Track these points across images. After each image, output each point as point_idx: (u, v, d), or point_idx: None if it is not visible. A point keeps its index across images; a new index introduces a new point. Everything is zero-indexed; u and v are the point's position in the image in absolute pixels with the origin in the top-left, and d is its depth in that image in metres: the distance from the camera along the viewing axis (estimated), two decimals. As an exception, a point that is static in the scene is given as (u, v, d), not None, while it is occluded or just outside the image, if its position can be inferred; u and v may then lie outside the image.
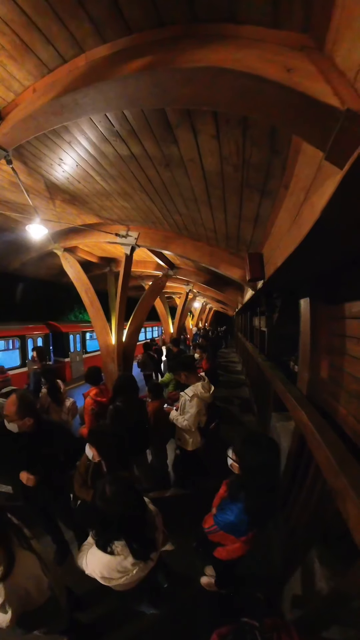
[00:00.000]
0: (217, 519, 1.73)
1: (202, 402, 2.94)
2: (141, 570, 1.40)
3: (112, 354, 6.38)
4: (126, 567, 1.35)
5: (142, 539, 1.39)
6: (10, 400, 2.04)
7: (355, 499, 1.15)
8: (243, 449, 1.60)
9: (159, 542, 1.49)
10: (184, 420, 2.92)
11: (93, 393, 3.50)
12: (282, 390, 2.91)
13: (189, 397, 2.93)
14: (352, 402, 2.17)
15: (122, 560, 1.34)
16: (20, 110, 1.88)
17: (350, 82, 0.94)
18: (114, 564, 1.34)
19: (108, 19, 1.36)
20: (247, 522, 1.61)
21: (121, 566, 1.34)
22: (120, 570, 1.35)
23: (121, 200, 3.91)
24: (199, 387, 2.96)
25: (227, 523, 1.66)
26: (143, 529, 1.43)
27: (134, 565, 1.36)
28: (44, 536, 2.48)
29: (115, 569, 1.34)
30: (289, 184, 2.10)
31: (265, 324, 5.41)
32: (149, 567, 1.45)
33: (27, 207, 3.99)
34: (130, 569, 1.35)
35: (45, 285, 11.39)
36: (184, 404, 2.98)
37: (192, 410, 2.88)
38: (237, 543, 1.71)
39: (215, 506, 1.83)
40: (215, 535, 1.77)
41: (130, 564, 1.35)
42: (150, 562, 1.45)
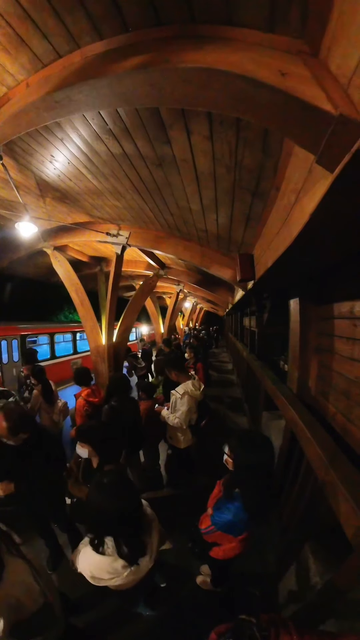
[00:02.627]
0: (214, 519, 1.72)
1: (193, 400, 2.96)
2: (133, 574, 1.36)
3: (102, 354, 6.32)
4: (116, 568, 1.32)
5: (132, 541, 1.35)
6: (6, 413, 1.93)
7: (346, 493, 1.19)
8: (238, 447, 1.62)
9: (152, 547, 1.44)
10: (175, 418, 2.93)
11: (84, 394, 3.45)
12: (273, 389, 2.96)
13: (179, 395, 2.94)
14: (341, 400, 2.22)
15: (113, 562, 1.32)
16: (13, 104, 1.85)
17: (343, 87, 0.97)
18: (104, 565, 1.32)
19: (105, 15, 1.35)
20: (245, 521, 1.62)
21: (111, 567, 1.32)
22: (110, 572, 1.32)
23: (113, 199, 3.88)
24: (189, 385, 2.98)
25: (225, 522, 1.66)
26: (135, 530, 1.39)
27: (125, 568, 1.32)
28: (36, 541, 2.44)
29: (105, 569, 1.32)
30: (280, 186, 2.14)
31: (255, 324, 5.48)
32: (142, 571, 1.41)
33: (16, 204, 3.91)
34: (121, 571, 1.32)
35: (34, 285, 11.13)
36: (175, 402, 2.98)
37: (183, 407, 2.89)
38: (233, 542, 1.72)
39: (211, 506, 1.83)
40: (212, 536, 1.77)
41: (120, 566, 1.32)
42: (144, 567, 1.40)
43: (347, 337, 2.25)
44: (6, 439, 1.96)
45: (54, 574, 2.34)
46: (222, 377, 9.69)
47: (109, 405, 2.94)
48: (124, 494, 1.35)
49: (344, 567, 1.18)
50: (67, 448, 2.89)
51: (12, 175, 2.99)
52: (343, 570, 1.20)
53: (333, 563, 1.47)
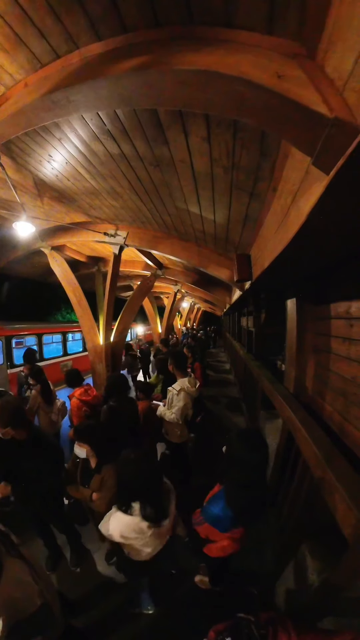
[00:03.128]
0: (203, 510, 1.77)
1: (189, 396, 3.03)
2: (156, 536, 1.55)
3: (100, 354, 6.32)
4: (142, 528, 1.50)
5: (155, 504, 1.56)
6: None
7: (342, 492, 1.20)
8: (235, 442, 1.64)
9: (171, 512, 1.64)
10: (172, 413, 2.99)
11: (78, 393, 3.45)
12: (270, 389, 2.97)
13: (176, 391, 3.01)
14: (338, 400, 2.24)
15: (139, 522, 1.50)
16: (11, 104, 1.84)
17: (339, 90, 0.98)
18: (131, 524, 1.50)
19: (104, 15, 1.35)
20: (231, 517, 1.64)
21: (138, 527, 1.50)
22: (136, 531, 1.50)
23: (110, 199, 3.88)
24: (185, 382, 3.07)
25: (212, 515, 1.70)
26: (157, 495, 1.61)
27: (149, 529, 1.51)
28: (34, 542, 2.44)
29: (132, 528, 1.50)
30: (277, 187, 2.15)
31: (252, 324, 5.50)
32: (163, 535, 1.61)
33: (14, 203, 3.90)
34: (146, 531, 1.50)
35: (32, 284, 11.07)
36: (172, 398, 3.05)
37: (180, 403, 2.96)
38: (224, 540, 1.73)
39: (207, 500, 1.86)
40: (202, 528, 1.79)
41: (145, 527, 1.50)
42: (165, 531, 1.60)
43: (343, 337, 2.27)
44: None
45: (52, 574, 2.34)
46: (219, 376, 9.70)
47: (108, 405, 2.95)
48: (148, 465, 1.60)
49: (341, 565, 1.20)
50: (65, 448, 2.89)
51: (9, 175, 2.99)
52: (340, 568, 1.21)
53: (330, 561, 1.48)
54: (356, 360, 2.07)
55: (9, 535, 1.39)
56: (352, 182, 1.14)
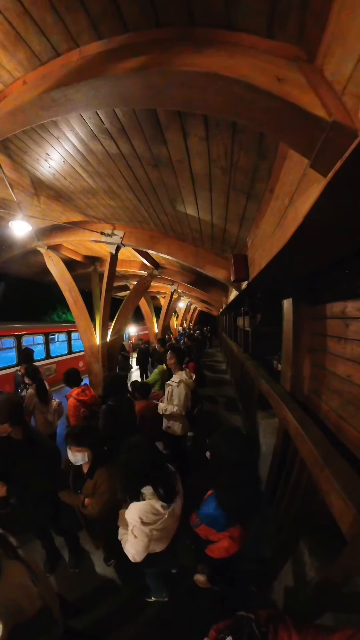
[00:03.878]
0: (198, 512, 1.80)
1: (188, 388, 3.14)
2: (171, 516, 1.61)
3: (96, 354, 6.30)
4: (158, 509, 1.57)
5: (165, 484, 1.64)
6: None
7: (339, 489, 1.22)
8: (217, 443, 1.66)
9: (180, 491, 1.73)
10: (174, 406, 3.06)
11: (75, 393, 3.45)
12: (266, 389, 2.99)
13: (175, 384, 3.13)
14: (334, 399, 2.27)
15: (154, 503, 1.57)
16: (9, 102, 1.83)
17: (337, 94, 1.00)
18: (148, 507, 1.57)
19: (105, 14, 1.35)
20: (224, 516, 1.65)
21: (154, 509, 1.57)
22: (154, 513, 1.56)
23: (107, 199, 3.87)
24: (183, 375, 3.21)
25: (207, 515, 1.73)
26: (165, 475, 1.69)
27: (164, 509, 1.58)
28: (32, 543, 2.42)
29: (150, 511, 1.56)
30: (274, 189, 2.17)
31: (249, 323, 5.52)
32: (177, 514, 1.68)
33: (10, 202, 3.87)
34: (162, 511, 1.57)
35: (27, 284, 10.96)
36: (171, 392, 3.14)
37: (182, 395, 3.07)
38: (224, 541, 1.74)
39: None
40: (200, 529, 1.81)
41: (160, 506, 1.57)
42: (177, 509, 1.67)
43: (338, 336, 2.29)
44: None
45: (51, 576, 2.33)
46: (216, 376, 9.74)
47: (107, 405, 2.95)
48: (152, 448, 1.70)
49: (338, 561, 1.22)
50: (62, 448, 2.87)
51: (6, 173, 2.97)
52: (337, 564, 1.23)
53: (328, 558, 1.50)
54: (351, 359, 2.10)
55: (6, 537, 1.38)
56: (349, 185, 1.16)
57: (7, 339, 8.11)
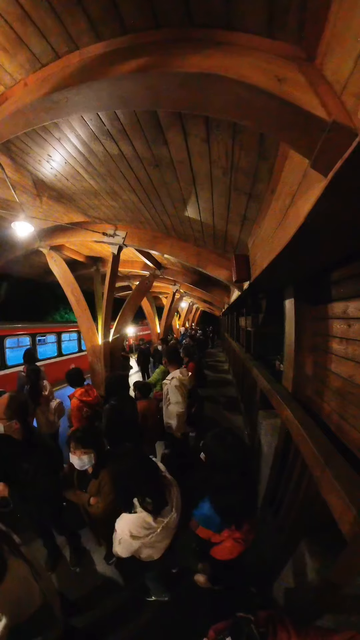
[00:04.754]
0: (195, 512, 1.78)
1: (182, 384, 3.16)
2: (164, 530, 1.55)
3: (98, 354, 6.31)
4: (149, 523, 1.52)
5: (153, 494, 1.56)
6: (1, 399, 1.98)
7: (340, 490, 1.21)
8: (210, 445, 1.65)
9: (175, 504, 1.65)
10: (172, 404, 3.09)
11: (78, 393, 3.45)
12: (268, 389, 2.99)
13: (169, 381, 3.16)
14: (336, 399, 2.26)
15: (146, 517, 1.52)
16: (10, 104, 1.84)
17: (337, 94, 1.00)
18: (139, 521, 1.52)
19: (104, 16, 1.35)
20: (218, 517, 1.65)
21: (145, 522, 1.51)
22: (145, 527, 1.51)
23: (109, 199, 3.88)
24: (177, 373, 3.22)
25: (202, 516, 1.71)
26: (155, 486, 1.61)
27: (157, 522, 1.52)
28: (34, 542, 2.44)
29: (140, 525, 1.51)
30: (275, 189, 2.16)
31: (251, 324, 5.51)
32: (171, 527, 1.61)
33: (13, 203, 3.89)
34: (154, 525, 1.52)
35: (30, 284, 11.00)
36: (167, 390, 3.16)
37: (177, 393, 3.10)
38: (227, 542, 1.72)
39: None
40: (200, 531, 1.79)
41: (152, 520, 1.52)
42: (172, 522, 1.61)
43: (340, 337, 2.28)
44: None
45: (52, 574, 2.35)
46: (218, 376, 9.73)
47: (110, 404, 2.97)
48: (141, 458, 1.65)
49: (339, 563, 1.21)
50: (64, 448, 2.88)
51: (8, 175, 2.98)
52: (338, 566, 1.22)
53: (329, 559, 1.50)
54: (353, 359, 2.09)
55: (10, 535, 1.40)
56: (350, 185, 1.15)
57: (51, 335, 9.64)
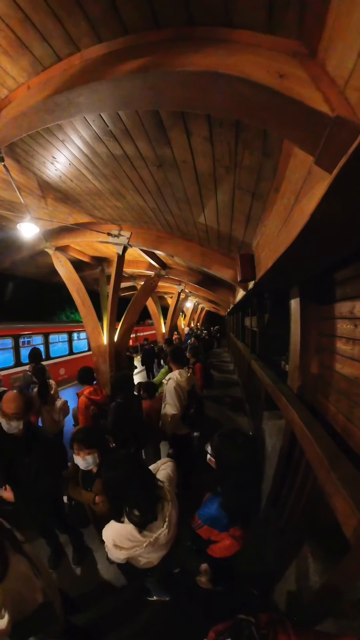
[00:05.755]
0: (200, 513, 1.78)
1: (179, 385, 3.12)
2: (152, 545, 1.44)
3: (104, 354, 6.35)
4: (136, 536, 1.42)
5: (141, 506, 1.45)
6: (12, 396, 1.94)
7: (345, 493, 1.19)
8: (219, 446, 1.64)
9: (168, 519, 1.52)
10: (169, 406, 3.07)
11: (87, 392, 3.47)
12: (273, 389, 2.96)
13: (166, 382, 3.16)
14: (342, 400, 2.22)
15: (132, 530, 1.42)
16: (14, 107, 1.86)
17: (340, 89, 0.98)
18: (124, 532, 1.43)
19: (104, 18, 1.36)
20: (226, 516, 1.64)
21: (131, 535, 1.42)
22: (130, 539, 1.42)
23: (114, 200, 3.90)
24: (176, 374, 3.19)
25: (209, 516, 1.71)
26: (144, 497, 1.48)
27: (143, 536, 1.42)
28: (37, 540, 2.46)
29: (125, 537, 1.42)
30: (279, 187, 2.14)
31: (256, 324, 5.47)
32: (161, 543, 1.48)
33: (18, 205, 3.94)
34: (141, 539, 1.42)
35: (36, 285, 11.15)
36: (165, 390, 3.15)
37: (172, 393, 3.06)
38: (227, 540, 1.73)
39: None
40: (202, 531, 1.80)
41: (138, 534, 1.42)
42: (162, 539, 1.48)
43: (347, 337, 2.24)
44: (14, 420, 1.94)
45: (54, 572, 2.36)
46: (223, 377, 9.70)
47: (116, 402, 3.00)
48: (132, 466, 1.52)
49: (342, 566, 1.19)
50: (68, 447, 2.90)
51: (13, 177, 3.01)
52: (340, 570, 1.20)
53: (332, 562, 1.47)
54: None
55: (13, 533, 1.41)
56: (355, 181, 1.13)
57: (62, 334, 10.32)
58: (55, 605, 1.46)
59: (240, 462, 1.61)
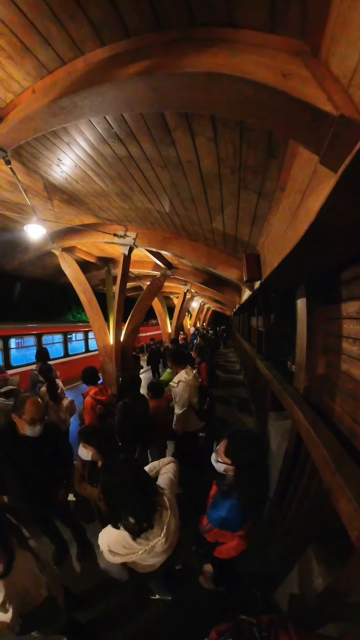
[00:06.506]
0: (210, 517, 1.75)
1: (189, 386, 3.15)
2: (147, 553, 1.41)
3: (110, 354, 6.38)
4: (131, 544, 1.39)
5: (138, 515, 1.39)
6: (35, 402, 2.02)
7: (350, 495, 1.18)
8: (235, 452, 1.63)
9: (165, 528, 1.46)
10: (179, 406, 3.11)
11: (92, 392, 3.50)
12: (279, 390, 2.94)
13: (175, 384, 3.17)
14: (348, 401, 2.20)
15: (128, 537, 1.38)
16: (19, 111, 1.89)
17: (344, 87, 0.97)
18: (119, 539, 1.40)
19: (107, 21, 1.36)
20: (239, 516, 1.63)
21: (126, 542, 1.39)
22: (125, 547, 1.39)
23: (119, 201, 3.92)
24: (183, 374, 3.21)
25: (220, 520, 1.68)
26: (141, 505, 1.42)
27: (138, 544, 1.39)
28: (42, 537, 2.49)
29: (120, 544, 1.40)
30: (285, 186, 2.13)
31: (262, 324, 5.44)
32: (157, 552, 1.46)
33: (25, 207, 3.99)
34: (136, 547, 1.39)
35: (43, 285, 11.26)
36: (175, 392, 3.19)
37: (184, 394, 3.10)
38: (234, 540, 1.73)
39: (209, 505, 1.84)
40: (211, 534, 1.79)
41: (132, 541, 1.39)
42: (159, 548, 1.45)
43: (354, 337, 2.22)
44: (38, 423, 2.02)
45: (58, 569, 2.39)
46: (229, 377, 9.66)
47: (123, 402, 3.03)
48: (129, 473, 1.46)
49: (346, 569, 1.18)
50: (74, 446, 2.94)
51: (20, 179, 3.05)
52: (344, 572, 1.19)
53: (336, 565, 1.46)
54: (367, 361, 2.02)
55: (20, 529, 1.44)
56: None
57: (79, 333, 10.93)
58: (59, 601, 1.48)
59: (257, 458, 1.63)
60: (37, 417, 2.00)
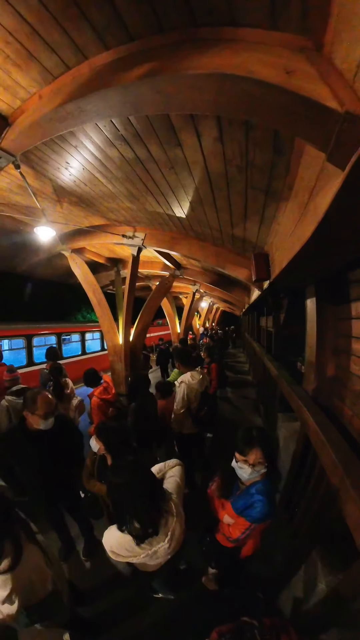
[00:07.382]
0: (252, 517, 1.58)
1: (190, 389, 3.11)
2: (149, 557, 1.41)
3: (119, 354, 6.44)
4: (133, 547, 1.39)
5: (142, 520, 1.37)
6: (46, 398, 2.08)
7: (357, 499, 1.15)
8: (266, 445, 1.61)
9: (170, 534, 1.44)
10: (177, 405, 3.11)
11: (97, 392, 3.53)
12: (288, 391, 2.91)
13: (178, 384, 3.16)
14: (358, 403, 2.15)
15: (131, 541, 1.39)
16: (27, 116, 1.92)
17: (348, 83, 0.95)
18: (122, 542, 1.40)
19: (109, 26, 1.38)
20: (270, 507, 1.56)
21: (129, 545, 1.39)
22: (127, 549, 1.40)
23: (127, 202, 3.94)
24: (187, 376, 3.17)
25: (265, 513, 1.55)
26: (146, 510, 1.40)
27: (141, 549, 1.39)
28: (50, 532, 2.53)
29: (123, 546, 1.40)
30: (292, 185, 2.10)
31: (272, 324, 5.38)
32: (159, 556, 1.45)
33: (35, 209, 4.06)
34: (138, 551, 1.39)
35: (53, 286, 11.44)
36: (178, 391, 3.18)
37: (181, 394, 3.08)
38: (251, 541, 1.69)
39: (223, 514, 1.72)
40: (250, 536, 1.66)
41: (135, 545, 1.39)
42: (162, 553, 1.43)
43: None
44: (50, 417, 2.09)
45: (64, 564, 2.42)
46: (238, 377, 9.60)
47: (135, 402, 3.09)
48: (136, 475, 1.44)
49: (350, 574, 1.15)
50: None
51: (29, 183, 3.11)
52: (349, 577, 1.16)
53: (341, 570, 1.43)
54: (378, 362, 1.98)
55: (28, 523, 1.46)
56: (369, 178, 1.09)
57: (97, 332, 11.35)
58: (63, 595, 1.50)
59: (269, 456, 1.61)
60: (49, 411, 2.07)
